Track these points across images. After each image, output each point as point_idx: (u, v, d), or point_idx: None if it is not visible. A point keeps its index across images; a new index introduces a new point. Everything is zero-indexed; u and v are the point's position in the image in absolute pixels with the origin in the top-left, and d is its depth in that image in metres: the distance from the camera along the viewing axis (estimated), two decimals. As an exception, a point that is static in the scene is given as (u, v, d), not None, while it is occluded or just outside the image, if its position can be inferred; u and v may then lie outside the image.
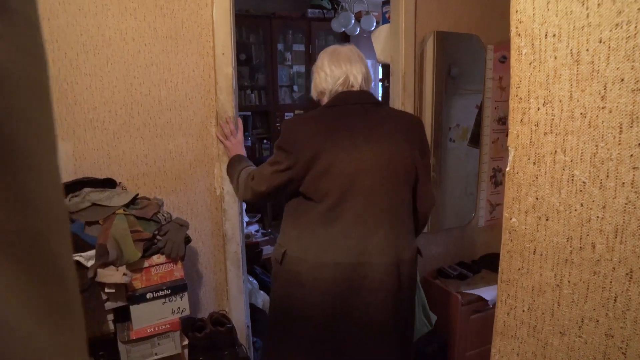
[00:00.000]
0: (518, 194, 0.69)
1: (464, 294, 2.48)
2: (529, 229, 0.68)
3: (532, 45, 0.63)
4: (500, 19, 2.66)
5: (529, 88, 0.64)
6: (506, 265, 0.73)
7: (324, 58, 1.71)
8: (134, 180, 1.92)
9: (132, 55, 1.83)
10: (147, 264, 1.62)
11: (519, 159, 0.68)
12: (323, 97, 1.72)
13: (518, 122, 0.67)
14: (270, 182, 1.64)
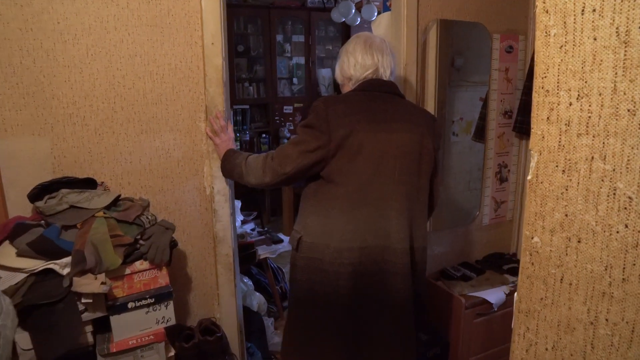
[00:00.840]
0: (542, 208, 0.57)
1: (468, 296, 2.37)
2: (556, 251, 0.56)
3: (564, 24, 0.51)
4: (507, 6, 2.52)
5: (559, 78, 0.52)
6: (525, 293, 0.61)
7: (357, 44, 1.67)
8: (117, 180, 1.80)
9: (115, 45, 1.71)
10: (128, 270, 1.51)
11: (544, 165, 0.56)
12: (348, 83, 1.70)
13: (544, 121, 0.55)
14: (297, 163, 1.57)
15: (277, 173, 1.61)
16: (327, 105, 1.56)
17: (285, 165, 1.59)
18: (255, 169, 1.68)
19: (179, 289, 1.94)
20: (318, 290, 1.62)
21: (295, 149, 1.58)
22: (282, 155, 1.61)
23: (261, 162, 1.67)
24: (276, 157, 1.62)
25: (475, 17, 2.43)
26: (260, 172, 1.66)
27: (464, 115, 2.59)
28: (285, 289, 3.41)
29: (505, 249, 2.81)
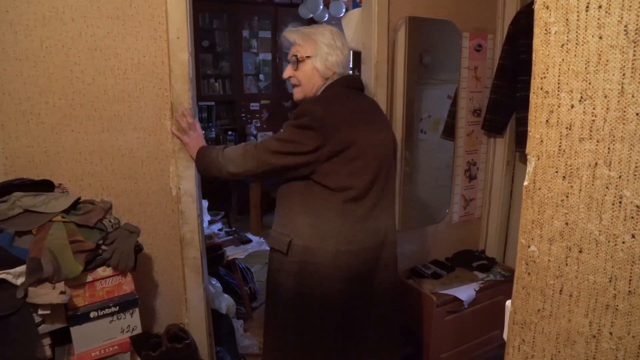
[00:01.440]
0: (540, 216, 0.54)
1: (439, 294, 2.37)
2: (555, 261, 0.53)
3: (566, 21, 0.48)
4: (476, 5, 2.53)
5: (560, 79, 0.49)
6: (521, 304, 0.58)
7: (341, 38, 1.62)
8: (77, 181, 1.70)
9: (72, 37, 1.60)
10: (90, 278, 1.42)
11: (542, 171, 0.53)
12: (324, 77, 1.61)
13: (542, 124, 0.52)
14: (284, 160, 1.51)
15: (262, 161, 1.54)
16: (323, 109, 1.49)
17: (270, 156, 1.52)
18: (236, 158, 1.60)
19: (144, 294, 1.85)
20: (311, 295, 1.58)
21: (284, 145, 1.51)
22: (267, 147, 1.53)
23: (241, 150, 1.60)
24: (260, 146, 1.55)
25: (446, 15, 2.43)
26: (241, 159, 1.58)
27: (432, 113, 2.59)
28: (255, 290, 3.34)
29: (474, 246, 2.84)
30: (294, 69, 1.60)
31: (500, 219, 2.75)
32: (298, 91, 1.64)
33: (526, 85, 2.39)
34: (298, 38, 1.60)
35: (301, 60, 1.58)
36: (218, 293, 2.71)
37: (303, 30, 1.62)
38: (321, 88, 1.60)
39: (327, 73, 1.59)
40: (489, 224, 2.81)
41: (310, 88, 1.61)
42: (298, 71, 1.60)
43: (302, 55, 1.58)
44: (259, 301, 3.28)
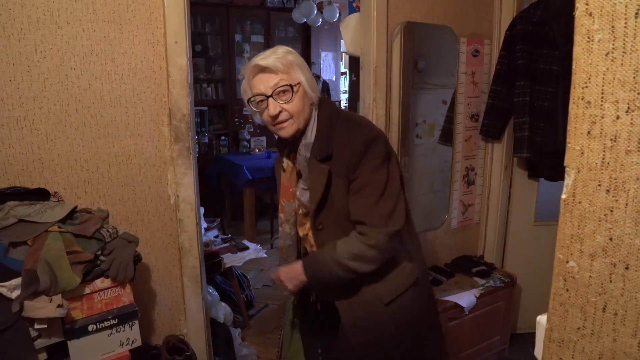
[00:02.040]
0: (580, 230, 0.52)
1: (440, 301, 2.35)
2: (597, 278, 0.51)
3: (611, 29, 0.45)
4: (472, 10, 2.52)
5: (604, 88, 0.47)
6: (558, 322, 0.56)
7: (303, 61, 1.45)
8: (72, 190, 1.65)
9: (67, 41, 1.56)
10: (88, 290, 1.38)
11: (583, 184, 0.51)
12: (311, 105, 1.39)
13: (583, 135, 0.50)
14: (403, 198, 1.37)
15: (402, 231, 1.35)
16: (379, 132, 1.36)
17: (401, 213, 1.33)
18: (370, 259, 1.32)
19: (142, 305, 1.81)
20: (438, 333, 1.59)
21: (392, 194, 1.32)
22: (388, 213, 1.31)
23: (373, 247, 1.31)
24: (383, 223, 1.30)
25: (443, 20, 2.42)
26: (379, 254, 1.32)
27: (426, 118, 2.58)
28: (251, 297, 3.30)
29: (473, 251, 2.82)
30: (284, 101, 1.30)
31: (498, 224, 2.74)
32: (290, 124, 1.34)
33: (524, 90, 2.41)
34: (278, 64, 1.29)
35: (295, 90, 1.30)
36: (215, 301, 2.67)
37: (276, 54, 1.32)
38: (313, 115, 1.38)
39: (314, 97, 1.37)
40: (487, 229, 2.80)
41: (305, 118, 1.35)
42: (291, 102, 1.30)
43: (295, 83, 1.30)
44: (255, 309, 3.24)
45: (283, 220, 1.51)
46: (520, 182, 2.71)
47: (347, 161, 1.30)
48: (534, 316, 2.66)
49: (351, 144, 1.30)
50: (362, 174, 1.29)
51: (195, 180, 1.85)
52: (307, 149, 1.37)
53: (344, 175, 1.31)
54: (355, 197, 1.31)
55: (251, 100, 1.35)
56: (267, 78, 1.30)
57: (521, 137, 2.42)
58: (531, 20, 2.36)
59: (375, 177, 1.29)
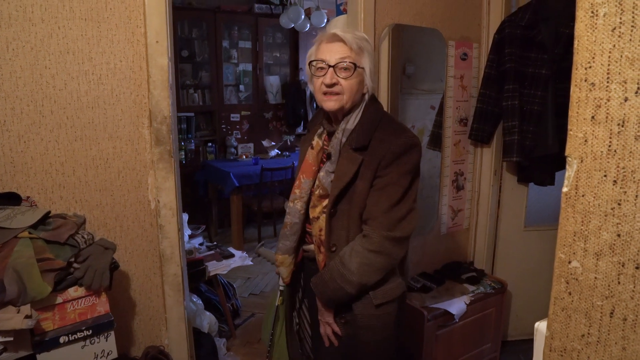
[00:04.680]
0: (584, 227, 0.47)
1: (429, 308, 2.30)
2: (603, 279, 0.46)
3: (618, 2, 0.41)
4: (461, 14, 2.50)
5: (610, 68, 0.43)
6: (560, 328, 0.51)
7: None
8: (46, 194, 1.58)
9: (42, 39, 1.49)
10: (60, 299, 1.30)
11: (586, 175, 0.46)
12: (363, 91, 1.40)
13: (587, 121, 0.45)
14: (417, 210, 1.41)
15: (407, 239, 1.39)
16: (419, 143, 1.40)
17: (412, 221, 1.37)
18: (375, 265, 1.35)
19: (120, 315, 1.73)
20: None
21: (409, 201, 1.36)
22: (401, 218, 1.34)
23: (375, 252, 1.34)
24: (393, 226, 1.33)
25: (431, 23, 2.39)
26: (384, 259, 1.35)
27: (415, 123, 2.55)
28: (237, 306, 3.22)
29: (463, 257, 2.78)
30: (344, 77, 1.32)
31: (488, 230, 2.70)
32: (338, 99, 1.35)
33: (513, 94, 2.38)
34: (354, 43, 1.33)
35: (359, 70, 1.34)
36: (199, 311, 2.59)
37: (356, 35, 1.36)
38: (362, 104, 1.40)
39: (370, 88, 1.39)
40: (477, 234, 2.76)
41: (353, 101, 1.37)
42: (349, 80, 1.33)
43: (360, 65, 1.34)
44: (241, 318, 3.16)
45: (297, 197, 1.51)
46: (510, 187, 2.68)
47: (381, 157, 1.33)
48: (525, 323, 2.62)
49: (391, 142, 1.34)
50: (390, 174, 1.33)
51: (177, 184, 1.79)
52: (345, 134, 1.39)
53: (373, 169, 1.34)
54: (375, 194, 1.35)
55: (312, 63, 1.39)
56: (337, 49, 1.34)
57: (511, 141, 2.39)
58: (520, 24, 2.34)
59: (400, 181, 1.33)
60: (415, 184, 1.38)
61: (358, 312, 1.43)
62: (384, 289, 1.42)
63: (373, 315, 1.42)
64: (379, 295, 1.41)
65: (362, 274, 1.34)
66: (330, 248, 1.41)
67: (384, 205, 1.33)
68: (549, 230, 2.69)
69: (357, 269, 1.33)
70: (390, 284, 1.43)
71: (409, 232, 1.36)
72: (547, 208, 2.75)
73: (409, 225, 1.36)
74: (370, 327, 1.43)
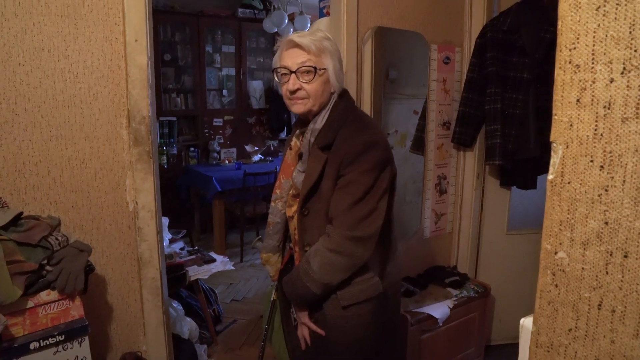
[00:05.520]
0: (570, 215, 0.45)
1: (413, 312, 2.28)
2: (591, 270, 0.44)
3: (602, -18, 0.40)
4: (443, 17, 2.52)
5: (594, 48, 0.41)
6: (546, 323, 0.49)
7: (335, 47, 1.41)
8: (19, 195, 1.53)
9: (15, 35, 1.45)
10: (32, 303, 1.26)
11: (572, 161, 0.45)
12: (331, 91, 1.40)
13: (572, 104, 0.44)
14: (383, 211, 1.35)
15: (371, 239, 1.33)
16: (385, 141, 1.38)
17: (375, 221, 1.32)
18: (335, 264, 1.31)
19: (96, 320, 1.68)
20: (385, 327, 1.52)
21: (372, 200, 1.31)
22: (361, 217, 1.30)
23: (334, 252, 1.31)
24: (353, 225, 1.30)
25: (414, 26, 2.40)
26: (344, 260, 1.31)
27: (398, 128, 2.55)
28: (219, 312, 3.16)
29: (446, 261, 2.78)
30: (306, 81, 1.33)
31: (471, 234, 2.71)
32: (304, 103, 1.37)
33: (495, 97, 2.40)
34: (312, 45, 1.32)
35: (320, 73, 1.33)
36: (179, 316, 2.53)
37: (314, 37, 1.35)
38: (330, 104, 1.40)
39: (337, 87, 1.39)
40: (460, 238, 2.76)
41: (320, 103, 1.38)
42: (311, 83, 1.33)
43: (320, 67, 1.33)
44: (223, 324, 3.10)
45: (277, 197, 1.53)
46: (493, 191, 2.69)
47: (343, 155, 1.32)
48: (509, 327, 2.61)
49: (353, 140, 1.33)
50: (352, 172, 1.31)
51: (156, 186, 1.74)
52: (313, 134, 1.39)
53: (336, 167, 1.33)
54: (337, 192, 1.33)
55: (277, 70, 1.40)
56: (296, 55, 1.34)
57: (493, 145, 2.40)
58: (501, 28, 2.36)
59: (362, 179, 1.31)
60: (380, 182, 1.33)
61: (327, 312, 1.41)
62: (352, 290, 1.38)
63: (341, 316, 1.39)
64: (346, 296, 1.37)
65: (324, 273, 1.32)
66: (304, 247, 1.40)
67: (345, 203, 1.30)
68: (532, 234, 2.71)
69: (318, 268, 1.32)
70: (359, 285, 1.38)
71: (371, 232, 1.32)
72: (530, 212, 2.76)
73: (372, 224, 1.32)
74: (339, 328, 1.41)
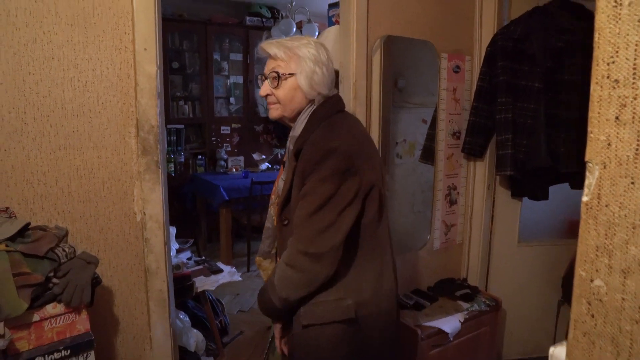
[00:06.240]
0: (608, 240, 0.42)
1: (423, 326, 2.24)
2: (632, 300, 0.41)
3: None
4: (454, 26, 2.50)
5: (636, 62, 0.39)
6: (581, 356, 0.46)
7: (325, 51, 1.37)
8: (27, 205, 1.51)
9: (25, 44, 1.44)
10: (37, 316, 1.23)
11: (610, 182, 0.42)
12: (305, 99, 1.35)
13: (610, 122, 0.41)
14: (345, 225, 1.23)
15: (327, 256, 1.22)
16: (347, 138, 1.28)
17: (333, 236, 1.21)
18: (290, 279, 1.25)
19: (102, 333, 1.66)
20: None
21: (331, 213, 1.22)
22: (317, 231, 1.22)
23: (289, 266, 1.25)
24: (307, 240, 1.22)
25: (424, 35, 2.38)
26: (298, 275, 1.24)
27: (407, 137, 2.52)
28: (225, 323, 3.13)
29: (456, 273, 2.73)
30: (273, 87, 1.34)
31: (482, 245, 2.67)
32: (276, 108, 1.37)
33: (506, 107, 2.36)
34: (279, 51, 1.33)
35: (283, 78, 1.33)
36: (186, 328, 2.51)
37: (285, 42, 1.35)
38: (307, 110, 1.36)
39: (311, 94, 1.33)
40: (470, 250, 2.72)
41: (292, 109, 1.36)
42: (278, 89, 1.34)
43: (284, 73, 1.32)
44: (230, 335, 3.07)
45: (272, 202, 1.52)
46: (504, 201, 2.65)
47: (305, 163, 1.28)
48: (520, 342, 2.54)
49: (315, 148, 1.27)
50: (309, 182, 1.25)
51: (164, 196, 1.73)
52: (291, 141, 1.38)
53: (301, 176, 1.28)
54: (299, 203, 1.27)
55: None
56: (269, 61, 1.38)
57: (504, 155, 2.37)
58: (512, 37, 2.34)
59: (319, 188, 1.23)
60: (344, 189, 1.22)
61: (294, 329, 1.35)
62: (313, 309, 1.29)
63: (302, 335, 1.32)
64: (306, 315, 1.30)
65: (281, 287, 1.26)
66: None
67: (301, 215, 1.24)
68: (543, 246, 2.66)
69: (277, 281, 1.27)
70: (322, 305, 1.29)
71: (325, 248, 1.21)
72: (541, 223, 2.72)
73: (328, 240, 1.21)
74: (302, 347, 1.33)
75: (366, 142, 1.36)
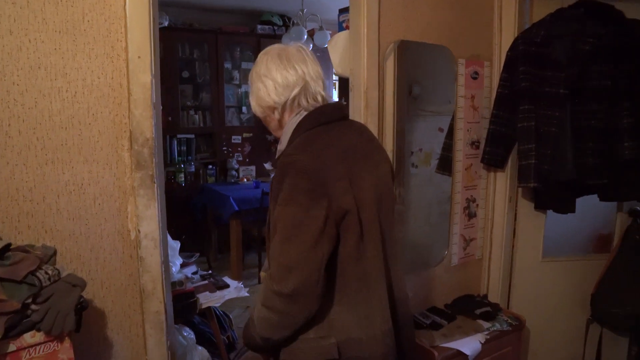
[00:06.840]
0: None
1: (440, 348, 2.10)
2: None
3: None
4: (471, 31, 2.36)
5: None
6: None
7: (270, 61, 1.27)
8: (12, 223, 1.42)
9: (10, 52, 1.35)
10: (13, 347, 1.14)
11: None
12: (272, 113, 1.29)
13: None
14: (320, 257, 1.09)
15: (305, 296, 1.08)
16: (309, 163, 1.12)
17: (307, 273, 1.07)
18: (269, 321, 1.15)
19: (94, 358, 1.55)
20: None
21: (300, 245, 1.08)
22: (287, 269, 1.07)
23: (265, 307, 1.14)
24: (278, 279, 1.08)
25: (440, 40, 2.25)
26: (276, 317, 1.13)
27: (422, 146, 2.40)
28: (233, 338, 3.02)
29: (475, 290, 2.58)
30: None
31: (503, 261, 2.51)
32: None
33: (528, 114, 2.21)
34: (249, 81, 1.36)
35: (249, 102, 1.36)
36: (190, 346, 2.40)
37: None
38: (289, 122, 1.26)
39: (263, 110, 1.30)
40: (491, 265, 2.56)
41: (273, 129, 1.34)
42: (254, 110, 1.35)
43: (250, 97, 1.34)
44: (237, 351, 2.95)
45: None
46: (526, 214, 2.49)
47: (272, 181, 1.20)
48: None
49: (278, 164, 1.18)
50: (278, 204, 1.13)
51: (161, 213, 1.62)
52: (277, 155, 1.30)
53: (274, 196, 1.17)
54: (273, 230, 1.16)
55: None
56: None
57: (527, 166, 2.21)
58: (534, 41, 2.20)
59: (281, 214, 1.11)
60: (313, 215, 1.08)
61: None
62: (293, 347, 1.18)
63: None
64: (286, 352, 1.19)
65: (261, 328, 1.16)
66: None
67: (273, 248, 1.11)
68: (569, 262, 2.50)
69: (257, 321, 1.17)
70: (302, 343, 1.17)
71: (299, 287, 1.06)
72: (566, 237, 2.56)
73: (300, 278, 1.06)
74: None
75: (341, 158, 1.18)
